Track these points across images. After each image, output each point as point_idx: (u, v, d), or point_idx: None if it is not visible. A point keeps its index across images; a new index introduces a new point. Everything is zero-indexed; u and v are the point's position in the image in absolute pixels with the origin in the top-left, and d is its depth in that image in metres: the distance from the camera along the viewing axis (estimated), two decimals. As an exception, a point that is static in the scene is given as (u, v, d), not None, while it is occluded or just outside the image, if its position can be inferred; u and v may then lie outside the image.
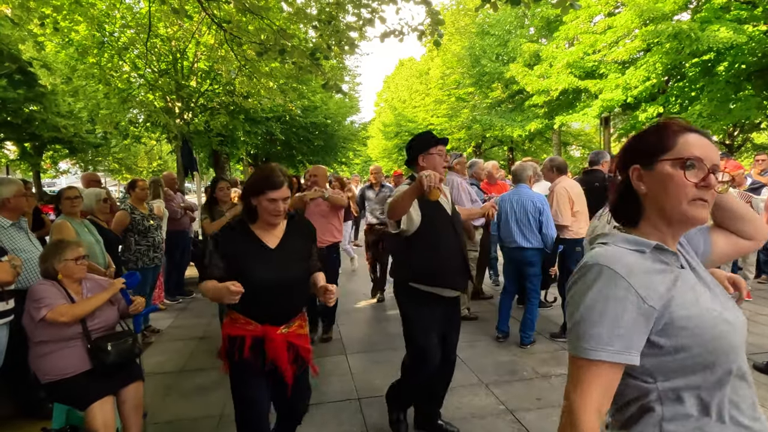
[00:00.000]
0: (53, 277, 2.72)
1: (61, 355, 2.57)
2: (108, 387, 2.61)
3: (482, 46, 18.81)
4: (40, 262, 2.77)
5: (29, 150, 16.42)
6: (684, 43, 10.75)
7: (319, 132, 18.09)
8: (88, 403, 2.50)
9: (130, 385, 2.72)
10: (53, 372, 2.55)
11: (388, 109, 33.26)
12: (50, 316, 2.50)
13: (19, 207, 3.18)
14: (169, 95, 9.54)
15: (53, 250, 2.76)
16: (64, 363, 2.57)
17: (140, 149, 23.23)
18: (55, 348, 2.56)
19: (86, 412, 2.51)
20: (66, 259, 2.74)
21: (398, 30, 5.55)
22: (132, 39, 8.97)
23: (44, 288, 2.62)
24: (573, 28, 14.26)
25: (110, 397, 2.59)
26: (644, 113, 12.75)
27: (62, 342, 2.57)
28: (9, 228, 3.13)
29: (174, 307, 6.24)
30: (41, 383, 2.58)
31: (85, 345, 2.64)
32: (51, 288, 2.64)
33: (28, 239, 3.25)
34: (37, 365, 2.57)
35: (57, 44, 9.54)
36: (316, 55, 5.70)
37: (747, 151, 18.41)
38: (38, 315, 2.50)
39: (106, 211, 4.43)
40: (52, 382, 2.55)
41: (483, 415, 3.18)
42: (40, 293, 2.58)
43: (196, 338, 4.95)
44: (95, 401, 2.51)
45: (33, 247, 3.22)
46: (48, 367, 2.55)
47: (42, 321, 2.50)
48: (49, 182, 27.06)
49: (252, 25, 6.80)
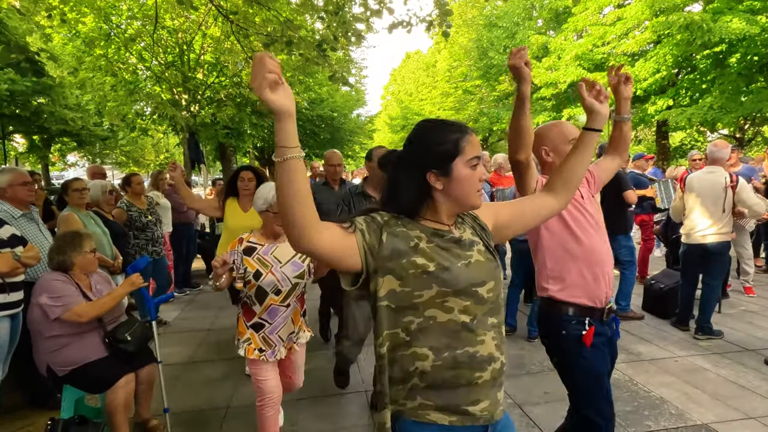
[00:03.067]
0: (68, 269, 2.71)
1: (78, 346, 2.59)
2: (127, 368, 2.68)
3: (490, 39, 18.63)
4: (53, 253, 2.73)
5: (37, 143, 16.50)
6: (695, 35, 10.57)
7: (326, 125, 18.01)
8: (111, 384, 2.56)
9: (146, 366, 2.82)
10: (73, 362, 2.57)
11: (394, 102, 33.14)
12: (67, 317, 2.51)
13: (16, 196, 3.14)
14: (175, 87, 9.54)
15: (71, 242, 2.74)
16: (84, 353, 2.60)
17: (147, 142, 23.28)
18: (71, 340, 2.58)
19: (107, 393, 2.55)
20: (85, 251, 2.74)
21: (406, 21, 5.50)
22: (138, 31, 8.96)
23: (60, 285, 2.60)
24: (582, 20, 14.07)
25: (132, 375, 2.68)
26: (654, 106, 12.59)
27: (78, 335, 2.58)
28: (20, 218, 3.13)
29: (181, 299, 6.26)
30: (58, 376, 2.58)
31: (101, 333, 2.69)
32: (67, 285, 2.62)
33: (39, 230, 3.25)
34: (52, 359, 2.57)
35: (64, 36, 9.55)
36: (323, 47, 5.66)
37: (758, 145, 18.17)
38: (53, 314, 2.50)
39: (111, 203, 4.43)
40: (71, 371, 2.57)
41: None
42: (57, 290, 2.56)
43: (203, 330, 4.97)
44: (118, 380, 2.57)
45: (44, 238, 3.23)
46: (66, 359, 2.57)
47: (57, 319, 2.51)
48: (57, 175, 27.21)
49: (259, 17, 6.77)
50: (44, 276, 2.68)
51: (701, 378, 3.51)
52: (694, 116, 11.53)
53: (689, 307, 4.49)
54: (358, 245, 1.14)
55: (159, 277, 5.09)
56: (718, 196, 4.12)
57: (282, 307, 2.43)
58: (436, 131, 1.25)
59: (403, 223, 1.23)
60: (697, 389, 3.32)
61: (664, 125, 14.03)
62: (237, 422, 3.11)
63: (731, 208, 4.15)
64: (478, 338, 1.20)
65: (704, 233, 4.17)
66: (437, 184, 1.23)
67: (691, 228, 4.27)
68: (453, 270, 1.18)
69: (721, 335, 4.24)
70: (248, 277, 2.36)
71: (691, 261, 4.36)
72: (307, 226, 1.04)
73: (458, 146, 1.22)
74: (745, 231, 5.51)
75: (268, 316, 2.42)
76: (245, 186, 3.80)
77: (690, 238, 4.30)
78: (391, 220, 1.22)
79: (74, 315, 2.50)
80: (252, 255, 2.40)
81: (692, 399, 3.19)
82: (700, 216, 4.20)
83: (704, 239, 4.17)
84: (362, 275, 1.17)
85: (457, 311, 1.18)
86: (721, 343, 4.14)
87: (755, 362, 3.74)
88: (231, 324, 5.03)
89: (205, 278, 7.25)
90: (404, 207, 1.24)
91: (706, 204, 4.17)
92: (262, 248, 2.44)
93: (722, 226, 4.13)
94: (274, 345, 2.44)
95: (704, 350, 4.02)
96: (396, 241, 1.17)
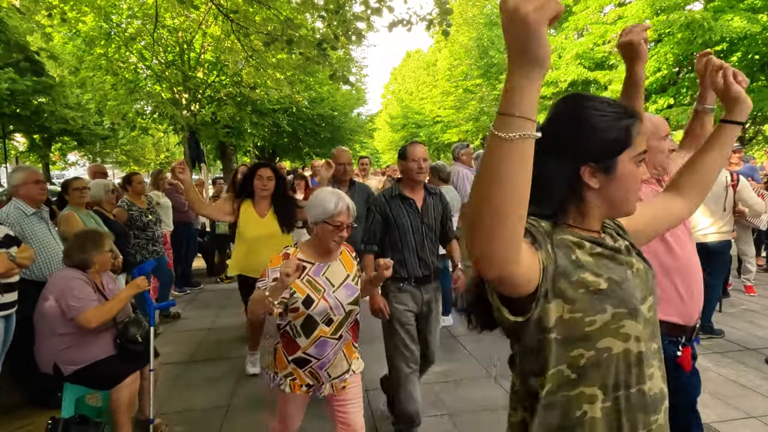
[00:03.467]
0: (87, 268, 2.71)
1: (89, 344, 2.60)
2: (134, 366, 2.70)
3: (490, 37, 18.61)
4: (74, 251, 2.70)
5: (38, 142, 16.53)
6: (696, 33, 10.56)
7: (326, 124, 18.00)
8: (118, 382, 2.57)
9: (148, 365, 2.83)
10: (82, 360, 2.58)
11: (395, 101, 33.12)
12: (79, 320, 2.52)
13: (29, 194, 3.18)
14: (176, 86, 9.54)
15: (92, 240, 2.75)
16: (95, 351, 2.61)
17: (148, 141, 23.28)
18: (84, 338, 2.58)
19: (113, 391, 2.56)
20: (105, 250, 2.75)
21: (406, 19, 5.49)
22: (139, 30, 8.94)
23: (82, 285, 2.60)
24: (583, 19, 14.05)
25: (137, 374, 2.69)
26: (654, 105, 12.57)
27: (92, 333, 2.59)
28: (31, 216, 3.16)
29: (182, 298, 6.26)
30: (64, 375, 2.58)
31: (113, 332, 2.71)
32: (87, 286, 2.63)
33: (48, 229, 3.27)
34: (61, 357, 2.57)
35: (64, 35, 9.55)
36: (323, 46, 5.66)
37: (758, 144, 18.14)
38: (71, 313, 2.51)
39: (113, 202, 4.43)
40: (79, 369, 2.58)
41: (492, 408, 3.16)
42: (80, 290, 2.56)
43: (204, 329, 4.97)
44: (125, 379, 2.58)
45: (52, 238, 3.24)
46: (76, 357, 2.58)
47: (72, 319, 2.53)
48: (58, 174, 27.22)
49: (259, 16, 6.76)
50: (62, 273, 2.66)
51: (702, 377, 3.49)
52: (695, 115, 11.50)
53: (690, 306, 4.49)
54: (540, 264, 0.88)
55: (161, 276, 5.11)
56: (719, 195, 4.11)
57: (333, 340, 1.99)
58: (599, 112, 0.95)
59: (558, 230, 0.96)
60: (698, 388, 3.32)
61: (664, 124, 14.01)
62: (237, 421, 3.11)
63: (732, 207, 4.14)
64: (648, 371, 0.96)
65: (705, 232, 4.16)
66: (592, 182, 0.96)
67: (692, 227, 4.25)
68: (626, 285, 0.94)
69: (722, 334, 4.24)
70: (295, 304, 1.92)
71: (692, 260, 4.35)
72: (519, 245, 0.78)
73: (630, 135, 0.95)
74: (747, 230, 5.50)
75: (316, 351, 1.97)
76: (263, 186, 3.39)
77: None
78: (549, 228, 0.95)
79: (84, 320, 2.51)
80: (301, 276, 1.95)
81: (693, 398, 3.18)
82: (701, 215, 4.19)
83: (705, 238, 4.17)
84: (533, 302, 0.88)
85: (633, 338, 0.94)
86: (721, 342, 4.14)
87: (756, 361, 3.73)
88: (231, 323, 5.04)
89: (206, 277, 7.25)
90: (551, 209, 0.97)
91: (707, 203, 4.16)
92: (312, 268, 1.99)
93: (723, 225, 4.13)
94: (323, 382, 2.03)
95: (705, 349, 4.01)
96: (560, 255, 0.91)
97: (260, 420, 3.07)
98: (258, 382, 3.66)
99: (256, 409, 3.22)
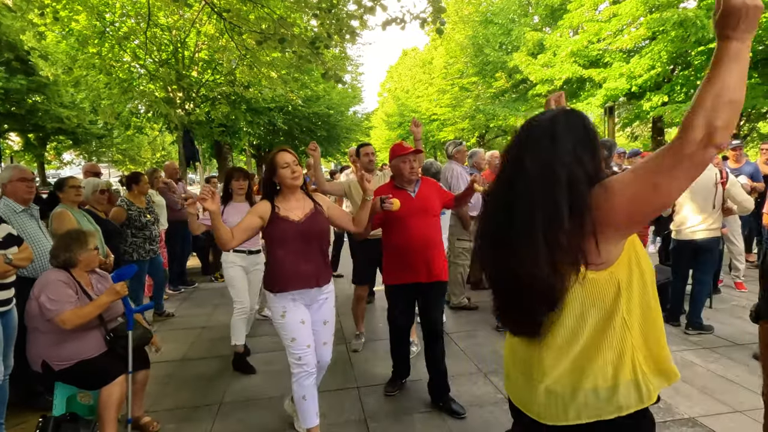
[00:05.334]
0: (72, 267, 2.72)
1: (78, 342, 2.61)
2: (124, 367, 2.71)
3: (486, 35, 18.61)
4: (59, 251, 2.73)
5: (33, 141, 16.48)
6: (690, 31, 10.60)
7: (322, 122, 18.00)
8: (107, 382, 2.57)
9: (141, 367, 2.87)
10: (72, 357, 2.59)
11: (391, 99, 33.10)
12: (55, 322, 2.52)
13: (15, 192, 3.19)
14: (170, 85, 9.51)
15: (77, 239, 2.75)
16: (84, 348, 2.63)
17: (143, 140, 23.22)
18: (71, 335, 2.58)
19: (104, 389, 2.56)
20: (90, 248, 2.76)
21: (400, 18, 5.50)
22: (132, 28, 8.91)
23: (61, 287, 2.60)
24: (577, 17, 14.08)
25: (127, 375, 2.71)
26: (649, 102, 12.61)
27: (77, 331, 2.59)
28: (21, 213, 3.17)
29: (176, 296, 6.27)
30: (54, 371, 2.59)
31: (102, 331, 2.72)
32: (66, 288, 2.62)
33: (38, 227, 3.28)
34: (49, 353, 2.58)
35: (57, 34, 9.49)
36: (317, 44, 5.66)
37: (753, 141, 18.22)
38: (48, 314, 2.52)
39: (103, 202, 4.43)
40: (69, 366, 2.59)
41: (481, 404, 3.19)
42: (56, 292, 2.56)
43: (198, 327, 4.98)
44: (115, 379, 2.59)
45: (42, 236, 3.25)
46: (65, 353, 2.59)
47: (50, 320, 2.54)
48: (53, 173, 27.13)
49: (252, 14, 6.76)
50: (47, 274, 2.68)
51: (690, 372, 3.54)
52: (689, 112, 11.57)
53: (680, 302, 4.52)
54: None
55: (156, 275, 5.12)
56: (709, 192, 4.15)
57: None
58: None
59: None
60: (686, 383, 3.35)
61: (659, 121, 14.07)
62: (228, 419, 3.13)
63: (721, 204, 4.18)
64: None
65: (694, 229, 4.20)
66: None
67: (682, 224, 4.30)
68: None
69: (712, 330, 4.28)
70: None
71: (682, 257, 4.39)
72: None
73: None
74: (736, 226, 5.54)
75: None
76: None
77: (680, 234, 4.33)
78: None
79: (60, 321, 2.50)
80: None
81: (681, 393, 3.22)
82: (691, 212, 4.22)
83: (694, 235, 4.20)
84: None
85: None
86: (711, 338, 4.18)
87: (744, 356, 3.77)
88: (225, 322, 5.04)
89: (200, 276, 7.26)
90: None
91: (696, 200, 4.19)
92: None
93: (712, 222, 4.17)
94: None
95: (694, 345, 4.05)
96: None
97: (252, 418, 3.09)
98: (250, 380, 3.68)
99: (248, 408, 3.24)
